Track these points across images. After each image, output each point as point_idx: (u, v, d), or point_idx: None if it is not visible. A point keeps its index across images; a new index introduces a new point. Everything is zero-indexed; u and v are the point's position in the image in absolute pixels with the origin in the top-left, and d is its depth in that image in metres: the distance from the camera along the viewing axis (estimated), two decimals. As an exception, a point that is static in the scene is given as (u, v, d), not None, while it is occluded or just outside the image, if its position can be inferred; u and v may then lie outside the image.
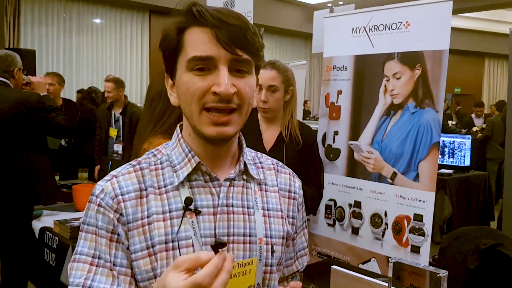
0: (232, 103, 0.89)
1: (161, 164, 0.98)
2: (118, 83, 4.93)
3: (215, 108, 0.89)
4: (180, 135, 1.00)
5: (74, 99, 6.70)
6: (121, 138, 4.95)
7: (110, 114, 5.04)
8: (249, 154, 1.07)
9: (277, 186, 1.09)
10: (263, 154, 1.14)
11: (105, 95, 5.06)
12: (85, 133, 5.36)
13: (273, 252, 1.01)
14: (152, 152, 1.02)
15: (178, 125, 1.04)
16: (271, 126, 2.60)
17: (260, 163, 1.09)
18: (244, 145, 1.04)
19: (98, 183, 0.95)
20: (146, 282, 0.90)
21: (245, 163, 1.02)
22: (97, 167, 5.02)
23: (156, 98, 1.94)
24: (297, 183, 1.14)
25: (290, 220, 1.10)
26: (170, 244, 0.91)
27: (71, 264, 0.91)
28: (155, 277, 0.89)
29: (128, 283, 0.91)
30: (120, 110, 4.97)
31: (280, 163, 1.15)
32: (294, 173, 1.16)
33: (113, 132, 5.01)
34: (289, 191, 1.11)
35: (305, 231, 1.19)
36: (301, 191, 1.15)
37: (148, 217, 0.92)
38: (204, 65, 0.88)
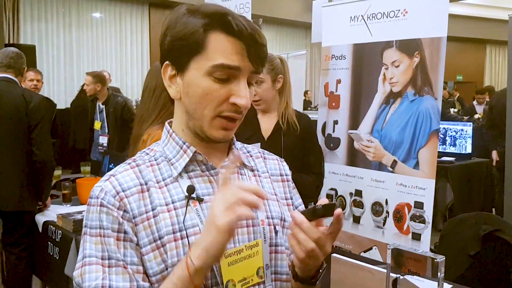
0: (242, 114, 0.95)
1: (155, 160, 0.99)
2: (96, 78, 4.98)
3: (229, 117, 0.93)
4: (171, 131, 1.02)
5: (75, 93, 6.74)
6: (106, 130, 5.01)
7: (94, 106, 5.11)
8: (236, 144, 1.10)
9: (268, 172, 1.12)
10: (248, 145, 1.17)
11: (84, 87, 5.16)
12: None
13: (276, 232, 1.03)
14: (144, 151, 1.03)
15: (167, 122, 1.05)
16: (268, 115, 2.61)
17: (248, 152, 1.13)
18: (233, 136, 1.07)
19: (96, 184, 0.95)
20: (159, 275, 0.90)
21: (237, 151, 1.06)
22: None
23: (161, 84, 1.95)
24: (286, 166, 1.18)
25: (290, 201, 1.13)
26: (178, 234, 0.91)
27: (82, 269, 0.89)
28: (167, 269, 0.90)
29: (141, 280, 0.90)
30: (103, 101, 5.04)
31: (266, 151, 1.18)
32: (280, 158, 1.19)
33: (97, 125, 5.06)
34: (281, 175, 1.15)
35: None
36: (290, 174, 1.18)
37: (152, 210, 0.92)
38: (228, 75, 0.91)
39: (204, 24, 0.90)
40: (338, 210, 0.89)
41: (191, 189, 0.94)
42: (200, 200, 0.95)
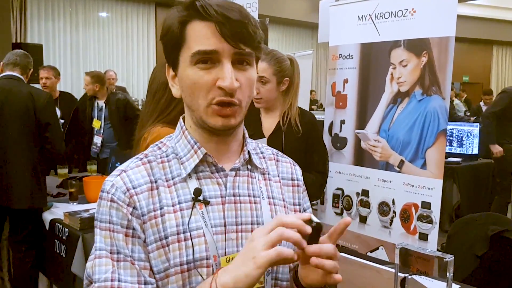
0: (235, 97, 0.92)
1: (167, 156, 1.00)
2: (94, 78, 4.97)
3: (222, 102, 0.91)
4: (184, 127, 1.02)
5: (81, 93, 6.75)
6: (109, 127, 5.00)
7: (92, 104, 5.09)
8: (250, 144, 1.09)
9: (278, 176, 1.11)
10: (263, 144, 1.16)
11: (83, 87, 5.18)
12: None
13: None
14: (156, 144, 1.03)
15: (181, 117, 1.05)
16: (270, 115, 2.58)
17: (262, 153, 1.11)
18: (247, 136, 1.06)
19: (107, 178, 0.96)
20: (162, 273, 0.91)
21: (249, 153, 1.04)
22: None
23: (160, 89, 1.94)
24: (298, 170, 1.17)
25: (297, 207, 1.12)
26: (182, 235, 0.92)
27: (93, 262, 0.91)
28: (170, 268, 0.91)
29: (148, 276, 0.91)
30: (104, 99, 5.02)
31: (280, 153, 1.17)
32: (294, 162, 1.18)
33: (96, 124, 5.05)
34: (292, 179, 1.13)
35: None
36: (302, 178, 1.17)
37: (160, 209, 0.93)
38: (208, 58, 0.90)
39: (179, 16, 0.92)
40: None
41: (198, 192, 0.95)
42: (206, 202, 0.96)
